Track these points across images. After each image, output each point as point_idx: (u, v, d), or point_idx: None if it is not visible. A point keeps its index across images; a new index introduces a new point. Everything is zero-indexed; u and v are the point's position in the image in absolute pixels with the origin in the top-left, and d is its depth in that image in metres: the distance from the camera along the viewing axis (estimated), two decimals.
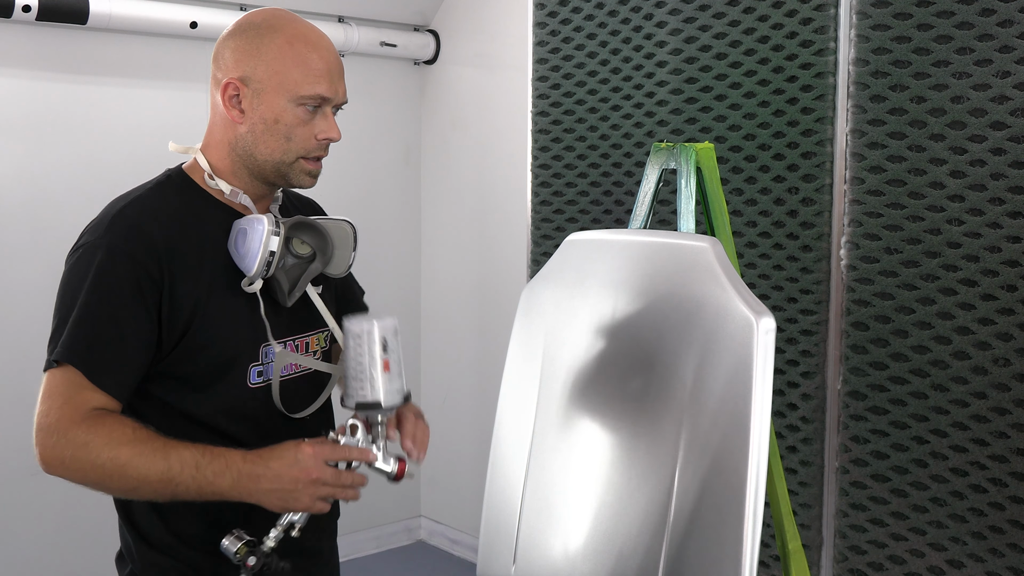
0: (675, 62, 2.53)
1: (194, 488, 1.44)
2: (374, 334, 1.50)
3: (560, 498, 1.61)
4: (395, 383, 1.52)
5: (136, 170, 3.39)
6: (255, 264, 1.52)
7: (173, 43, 3.51)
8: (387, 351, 1.50)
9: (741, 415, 1.40)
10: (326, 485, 1.46)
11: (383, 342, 1.50)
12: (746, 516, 1.37)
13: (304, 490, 1.45)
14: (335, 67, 1.58)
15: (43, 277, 3.30)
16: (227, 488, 1.44)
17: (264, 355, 1.59)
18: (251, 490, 1.45)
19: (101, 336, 1.48)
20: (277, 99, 1.54)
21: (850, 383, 2.21)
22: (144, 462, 1.43)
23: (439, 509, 4.36)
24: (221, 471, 1.44)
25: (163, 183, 1.62)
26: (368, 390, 1.50)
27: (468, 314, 4.17)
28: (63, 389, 1.46)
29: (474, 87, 4.08)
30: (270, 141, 1.55)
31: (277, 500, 1.45)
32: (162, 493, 1.46)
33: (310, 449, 1.45)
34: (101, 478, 1.45)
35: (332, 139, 1.59)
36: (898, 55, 2.10)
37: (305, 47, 1.55)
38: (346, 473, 1.48)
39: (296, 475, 1.44)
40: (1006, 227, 1.97)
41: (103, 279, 1.48)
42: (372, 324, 1.51)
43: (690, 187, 1.73)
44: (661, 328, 1.54)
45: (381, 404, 1.50)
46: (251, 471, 1.45)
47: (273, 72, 1.54)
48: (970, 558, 2.05)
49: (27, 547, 3.31)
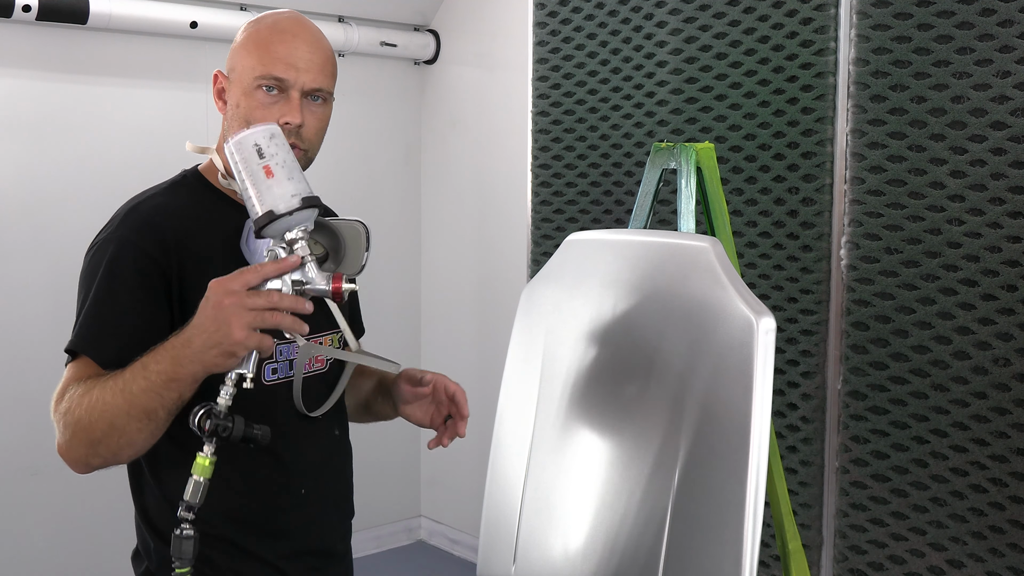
0: (675, 62, 2.53)
1: (150, 389, 1.37)
2: (244, 141, 1.39)
3: (560, 498, 1.61)
4: (283, 187, 1.37)
5: (136, 170, 3.40)
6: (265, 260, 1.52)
7: (173, 43, 3.51)
8: (263, 157, 1.38)
9: (741, 415, 1.40)
10: (248, 310, 1.31)
11: (257, 149, 1.38)
12: (746, 516, 1.37)
13: (228, 322, 1.31)
14: (301, 51, 1.56)
15: (43, 277, 3.31)
16: (170, 368, 1.36)
17: (279, 353, 1.59)
18: (190, 356, 1.34)
19: (108, 322, 1.49)
20: (240, 84, 1.56)
21: (850, 383, 2.21)
22: (107, 392, 1.39)
23: (439, 509, 4.36)
24: (160, 356, 1.37)
25: (178, 183, 1.64)
26: (257, 204, 1.37)
27: (468, 314, 4.17)
28: (69, 376, 1.47)
29: (474, 87, 4.08)
30: (235, 126, 1.55)
31: (214, 350, 1.33)
32: (134, 415, 1.38)
33: (215, 282, 1.34)
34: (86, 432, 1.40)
35: (291, 123, 1.54)
36: (898, 55, 2.10)
37: (272, 33, 1.56)
38: (267, 291, 1.33)
39: (212, 312, 1.32)
40: (1006, 227, 1.97)
41: (112, 269, 1.50)
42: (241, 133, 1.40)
43: (690, 187, 1.73)
44: (661, 328, 1.54)
45: (273, 212, 1.36)
46: (183, 338, 1.36)
47: (239, 59, 1.57)
48: (970, 558, 2.05)
49: (28, 547, 3.31)
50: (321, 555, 1.66)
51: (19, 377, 3.19)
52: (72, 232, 3.30)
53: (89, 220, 1.61)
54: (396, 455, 4.25)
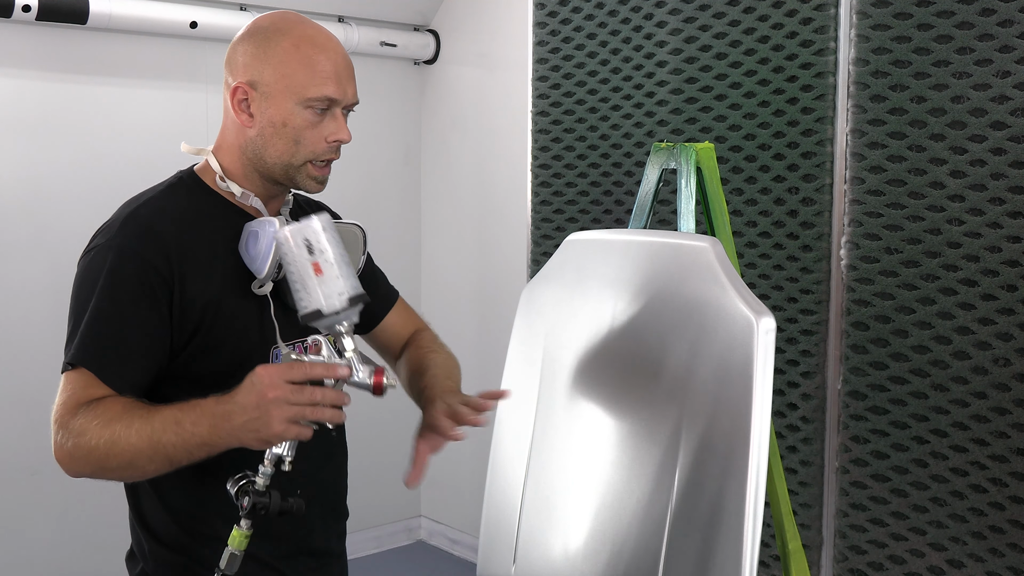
0: (675, 62, 2.53)
1: (181, 446, 1.39)
2: (294, 236, 1.41)
3: (560, 498, 1.61)
4: (333, 285, 1.40)
5: (136, 170, 3.39)
6: (266, 266, 1.51)
7: (173, 43, 3.51)
8: (313, 253, 1.40)
9: (741, 415, 1.40)
10: (290, 404, 1.35)
11: (308, 245, 1.40)
12: (746, 516, 1.37)
13: (269, 413, 1.34)
14: (343, 68, 1.57)
15: (43, 277, 3.31)
16: (207, 435, 1.38)
17: (274, 357, 1.58)
18: (228, 430, 1.38)
19: (112, 336, 1.47)
20: (285, 102, 1.53)
21: (850, 383, 2.21)
22: (132, 433, 1.40)
23: (439, 509, 4.36)
24: (198, 420, 1.39)
25: (175, 185, 1.62)
26: (306, 300, 1.40)
27: (468, 314, 4.17)
28: (72, 388, 1.46)
29: (474, 87, 4.08)
30: (279, 144, 1.55)
31: (252, 434, 1.37)
32: (156, 460, 1.41)
33: (264, 370, 1.36)
34: (100, 461, 1.42)
35: (342, 141, 1.57)
36: (898, 55, 2.10)
37: (312, 49, 1.54)
38: (310, 388, 1.36)
39: (255, 400, 1.35)
40: (1006, 227, 1.97)
41: (114, 280, 1.48)
42: (293, 228, 1.41)
43: (690, 187, 1.73)
44: (661, 328, 1.54)
45: (322, 312, 1.40)
46: (222, 410, 1.38)
47: (280, 75, 1.53)
48: (970, 558, 2.05)
49: (28, 546, 3.31)
50: (319, 555, 1.66)
51: (19, 377, 3.19)
52: (72, 232, 3.30)
53: (89, 220, 1.61)
54: (396, 455, 4.23)
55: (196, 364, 1.53)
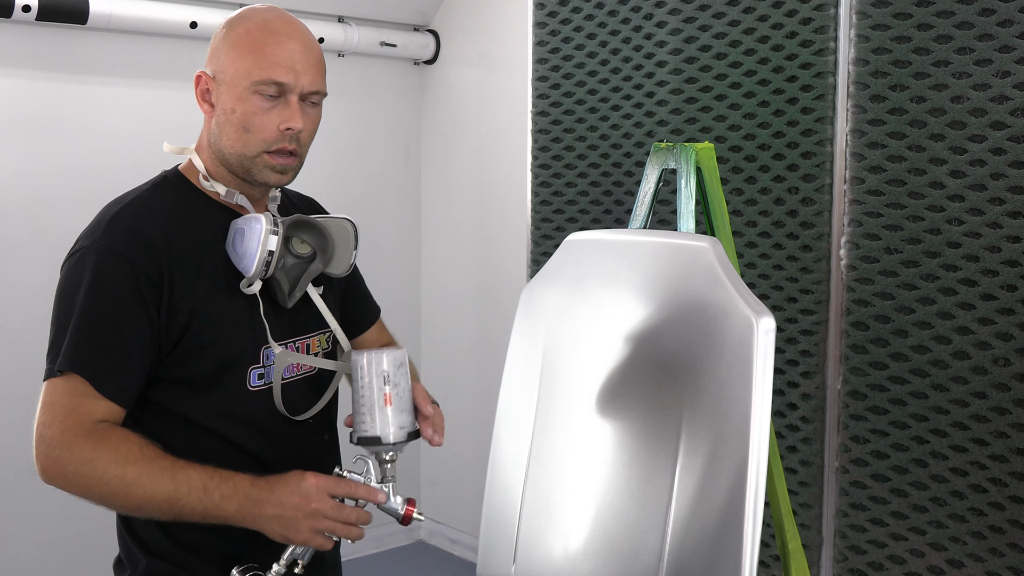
0: (675, 62, 2.53)
1: (200, 510, 1.42)
2: (378, 366, 1.48)
3: (560, 498, 1.61)
4: (398, 418, 1.49)
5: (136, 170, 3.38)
6: (253, 264, 1.49)
7: (173, 43, 3.51)
8: (388, 384, 1.48)
9: (741, 415, 1.40)
10: (326, 518, 1.42)
11: (385, 375, 1.48)
12: (746, 516, 1.37)
13: (304, 520, 1.41)
14: (299, 54, 1.53)
15: (42, 277, 3.30)
16: (232, 512, 1.42)
17: (265, 357, 1.56)
18: (255, 515, 1.42)
19: (104, 343, 1.45)
20: (235, 87, 1.52)
21: (850, 383, 2.21)
22: (151, 482, 1.40)
23: (439, 509, 4.36)
24: (228, 495, 1.42)
25: (159, 184, 1.60)
26: (368, 424, 1.48)
27: (468, 314, 4.17)
28: (66, 399, 1.43)
29: (474, 87, 4.09)
30: (230, 132, 1.52)
31: (278, 527, 1.42)
32: (166, 512, 1.43)
33: (315, 480, 1.43)
34: (105, 495, 1.43)
35: (294, 128, 1.52)
36: (898, 55, 2.10)
37: (263, 34, 1.53)
38: (348, 508, 1.44)
39: (297, 503, 1.41)
40: (1006, 227, 1.97)
41: (101, 283, 1.46)
42: (377, 355, 1.48)
43: (690, 187, 1.73)
44: (661, 328, 1.54)
45: (381, 440, 1.47)
46: (257, 496, 1.42)
47: (231, 60, 1.53)
48: (970, 558, 2.05)
49: (27, 547, 3.31)
50: (311, 565, 1.65)
51: (18, 377, 3.19)
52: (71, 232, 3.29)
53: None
54: None
55: (184, 366, 1.51)
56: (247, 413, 1.55)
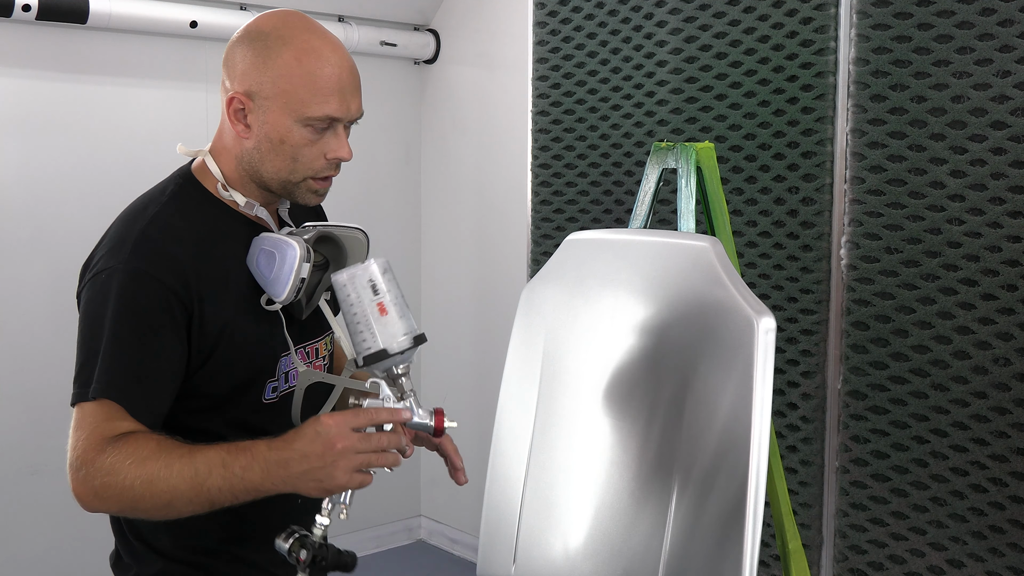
0: (675, 61, 2.52)
1: (227, 489, 1.36)
2: (358, 279, 1.41)
3: (560, 497, 1.61)
4: (396, 326, 1.41)
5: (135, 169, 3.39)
6: (285, 291, 1.46)
7: (173, 42, 3.51)
8: (378, 293, 1.41)
9: (741, 414, 1.40)
10: (358, 453, 1.34)
11: (371, 285, 1.41)
12: (746, 515, 1.37)
13: (335, 464, 1.33)
14: (348, 82, 1.50)
15: (43, 277, 3.31)
16: (259, 480, 1.35)
17: (280, 370, 1.55)
18: (283, 477, 1.35)
19: (137, 368, 1.41)
20: (283, 118, 1.46)
21: (850, 382, 2.21)
22: (172, 473, 1.35)
23: (439, 508, 4.36)
24: (248, 464, 1.35)
25: (178, 194, 1.54)
26: (369, 340, 1.40)
27: (468, 314, 4.17)
28: (95, 421, 1.39)
29: (474, 87, 4.08)
30: (276, 160, 1.48)
31: (312, 483, 1.35)
32: (197, 502, 1.37)
33: (331, 420, 1.34)
34: (134, 500, 1.38)
35: (342, 159, 1.51)
36: (898, 54, 2.10)
37: (315, 63, 1.46)
38: (376, 435, 1.36)
39: (321, 449, 1.33)
40: (1006, 226, 1.97)
41: (132, 307, 1.41)
42: (355, 269, 1.41)
43: (690, 186, 1.73)
44: (661, 327, 1.54)
45: (387, 352, 1.40)
46: (278, 457, 1.35)
47: (280, 91, 1.45)
48: (970, 557, 2.05)
49: (28, 546, 3.31)
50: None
51: (19, 377, 3.19)
52: (72, 232, 3.30)
53: (88, 219, 1.59)
54: None
55: (208, 383, 1.49)
56: (258, 423, 1.53)
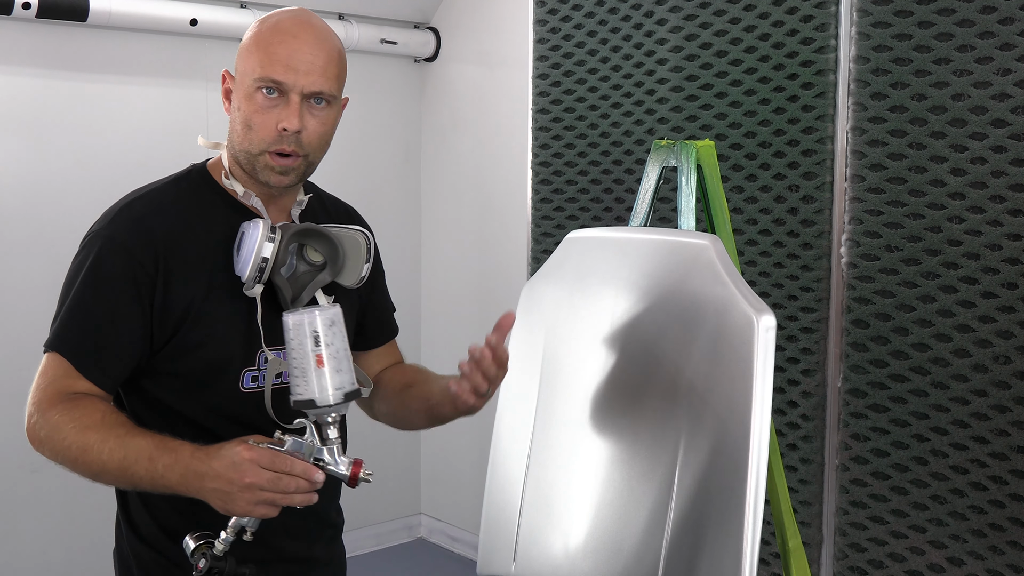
0: (675, 59, 2.52)
1: (147, 480, 1.41)
2: (303, 327, 1.42)
3: (560, 496, 1.61)
4: (329, 379, 1.42)
5: (135, 167, 3.39)
6: (247, 269, 1.49)
7: (173, 40, 3.51)
8: (319, 345, 1.42)
9: (741, 412, 1.40)
10: (263, 491, 1.38)
11: (314, 336, 1.42)
12: (746, 513, 1.37)
13: (240, 494, 1.37)
14: (304, 53, 1.51)
15: (42, 273, 3.30)
16: (176, 483, 1.40)
17: (261, 361, 1.56)
18: (197, 488, 1.40)
19: (90, 329, 1.48)
20: (242, 85, 1.53)
21: (850, 380, 2.21)
22: (104, 449, 1.42)
23: (439, 506, 4.36)
24: (171, 465, 1.40)
25: (181, 178, 1.61)
26: (301, 387, 1.42)
27: (468, 311, 4.16)
28: (52, 373, 1.49)
29: (474, 84, 4.08)
30: (237, 129, 1.54)
31: (218, 500, 1.39)
32: (122, 481, 1.45)
33: (247, 453, 1.38)
34: (68, 460, 1.45)
35: (288, 128, 1.50)
36: (899, 52, 2.10)
37: (274, 34, 1.52)
38: (286, 479, 1.39)
39: (232, 477, 1.37)
40: (1006, 224, 1.97)
41: (98, 271, 1.49)
42: (302, 315, 1.42)
43: (690, 184, 1.73)
44: (661, 325, 1.54)
45: (316, 402, 1.42)
46: (196, 468, 1.39)
47: (242, 59, 1.54)
48: (970, 555, 2.05)
49: (27, 544, 3.31)
50: (300, 562, 1.65)
51: (18, 374, 3.18)
52: (70, 229, 3.29)
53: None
54: (396, 453, 4.25)
55: (177, 363, 1.52)
56: (240, 414, 1.55)
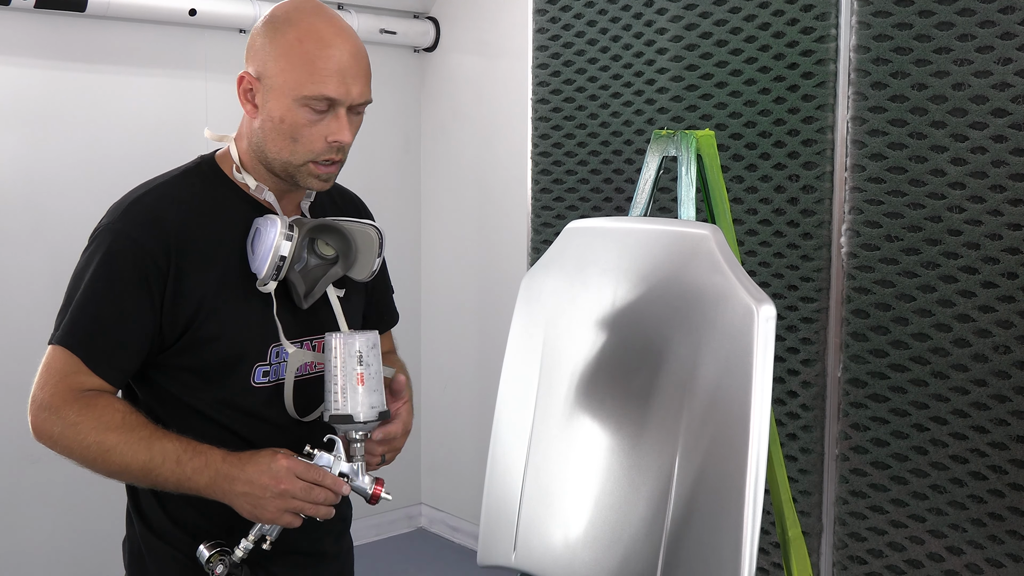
0: (676, 49, 2.52)
1: (172, 481, 1.45)
2: (353, 346, 1.49)
3: (561, 486, 1.62)
4: (370, 398, 1.50)
5: (135, 158, 3.39)
6: (264, 267, 1.50)
7: (172, 31, 3.50)
8: (362, 365, 1.50)
9: (741, 403, 1.41)
10: (295, 499, 1.44)
11: (359, 356, 1.50)
12: (746, 503, 1.38)
13: (272, 500, 1.44)
14: (349, 65, 1.50)
15: (43, 265, 3.31)
16: (203, 486, 1.45)
17: (273, 355, 1.57)
18: (225, 491, 1.45)
19: (101, 324, 1.48)
20: (283, 98, 1.49)
21: (850, 370, 2.21)
22: (128, 450, 1.44)
23: (440, 496, 4.37)
24: (200, 468, 1.45)
25: (191, 171, 1.59)
26: (341, 402, 1.49)
27: (468, 302, 4.17)
28: (61, 367, 1.48)
29: (474, 74, 4.08)
30: (277, 140, 1.51)
31: (247, 505, 1.45)
32: (142, 481, 1.48)
33: (285, 461, 1.45)
34: (86, 459, 1.47)
35: (341, 142, 1.52)
36: (899, 42, 2.09)
37: (315, 45, 1.48)
38: (317, 490, 1.46)
39: (266, 482, 1.43)
40: (1007, 214, 1.97)
41: (109, 265, 1.48)
42: (352, 337, 1.50)
43: (690, 175, 1.73)
44: (661, 316, 1.54)
45: (353, 418, 1.49)
46: (228, 472, 1.45)
47: (280, 70, 1.49)
48: (969, 545, 2.06)
49: (28, 535, 3.32)
50: (310, 555, 1.66)
51: (18, 366, 3.19)
52: (71, 220, 3.30)
53: (88, 208, 1.60)
54: None
55: (189, 357, 1.52)
56: (251, 408, 1.56)
